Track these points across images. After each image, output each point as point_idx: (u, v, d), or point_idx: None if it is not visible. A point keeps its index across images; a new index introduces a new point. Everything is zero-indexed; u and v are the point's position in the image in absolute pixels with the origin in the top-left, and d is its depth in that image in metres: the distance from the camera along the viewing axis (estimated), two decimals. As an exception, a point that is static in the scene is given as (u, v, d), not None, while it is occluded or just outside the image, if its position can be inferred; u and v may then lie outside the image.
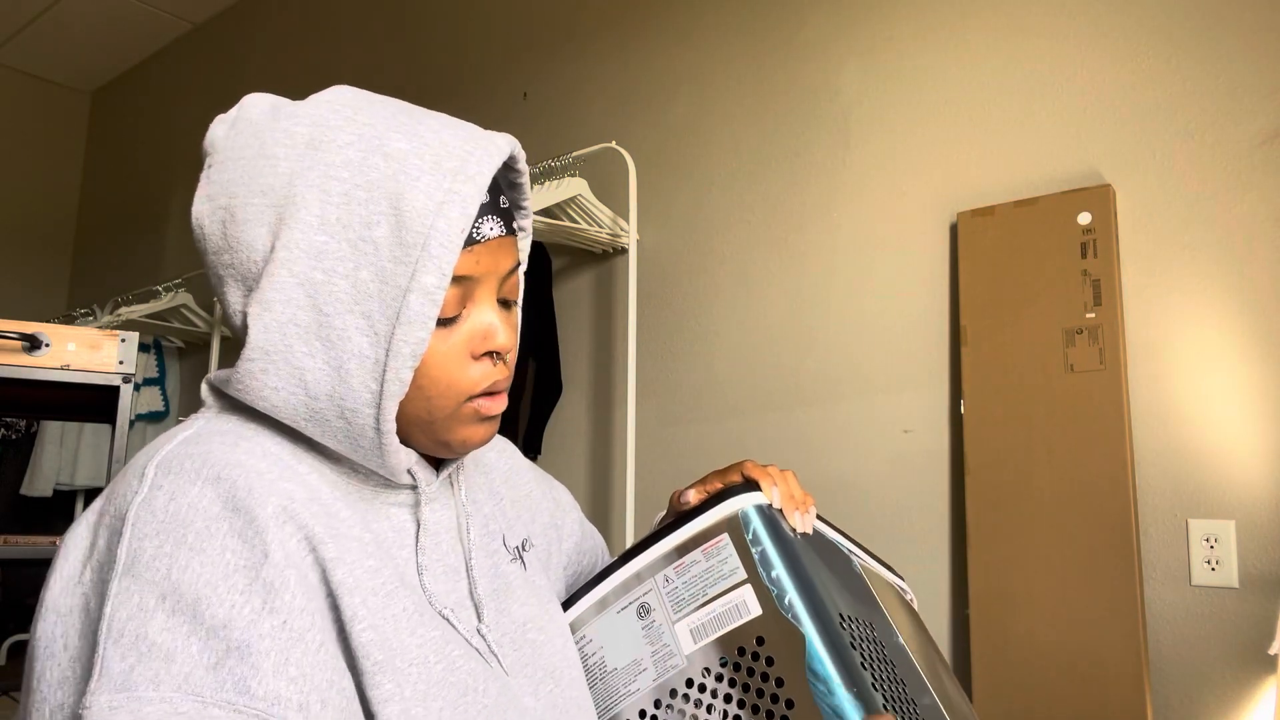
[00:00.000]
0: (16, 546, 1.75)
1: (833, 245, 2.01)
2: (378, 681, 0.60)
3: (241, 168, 0.65)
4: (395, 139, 0.64)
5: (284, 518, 0.60)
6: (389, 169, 0.63)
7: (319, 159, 0.63)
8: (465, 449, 0.70)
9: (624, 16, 2.47)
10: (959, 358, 1.77)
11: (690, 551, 0.76)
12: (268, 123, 0.66)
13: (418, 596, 0.67)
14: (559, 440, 2.43)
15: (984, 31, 1.85)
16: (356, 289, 0.62)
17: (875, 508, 1.87)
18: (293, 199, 0.63)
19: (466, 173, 0.63)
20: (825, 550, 0.81)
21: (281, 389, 0.64)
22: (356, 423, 0.64)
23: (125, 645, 0.54)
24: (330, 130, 0.65)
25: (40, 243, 4.50)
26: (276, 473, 0.62)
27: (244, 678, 0.54)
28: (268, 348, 0.63)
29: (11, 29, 4.01)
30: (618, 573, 0.80)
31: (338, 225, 0.62)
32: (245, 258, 0.64)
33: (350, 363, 0.62)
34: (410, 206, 0.62)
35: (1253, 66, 1.55)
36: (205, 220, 0.66)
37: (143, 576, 0.56)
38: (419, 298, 0.61)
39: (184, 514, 0.58)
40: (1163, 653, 1.52)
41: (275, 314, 0.63)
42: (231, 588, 0.56)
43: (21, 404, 2.13)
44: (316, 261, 0.62)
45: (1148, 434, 1.58)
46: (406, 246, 0.62)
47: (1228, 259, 1.54)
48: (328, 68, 3.36)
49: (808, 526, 0.79)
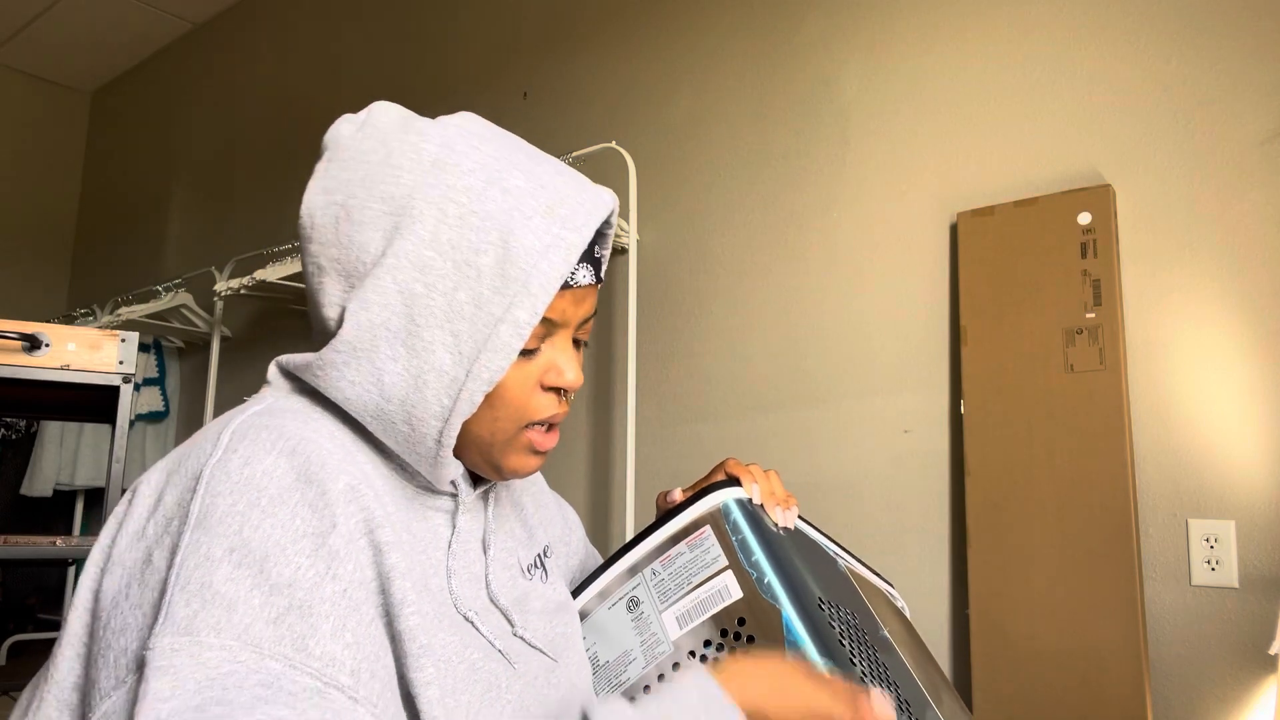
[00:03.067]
0: (16, 546, 1.75)
1: (832, 245, 2.01)
2: (422, 664, 0.62)
3: (365, 171, 0.68)
4: (515, 176, 0.68)
5: (351, 496, 0.62)
6: (505, 203, 0.66)
7: (442, 179, 0.67)
8: (511, 476, 0.74)
9: (624, 16, 2.47)
10: (959, 358, 1.77)
11: (675, 544, 0.80)
12: (396, 134, 0.69)
13: (440, 600, 0.69)
14: (559, 440, 2.43)
15: (984, 31, 1.84)
16: (451, 308, 0.65)
17: (875, 508, 1.87)
18: (410, 211, 0.66)
19: (575, 222, 0.67)
20: (807, 547, 0.84)
21: (358, 383, 0.67)
22: (420, 431, 0.67)
23: (190, 592, 0.56)
24: (456, 154, 0.68)
25: (40, 243, 4.50)
26: (341, 455, 0.65)
27: (303, 635, 0.56)
28: (356, 344, 0.66)
29: (11, 29, 4.01)
30: (609, 570, 0.83)
31: (448, 245, 0.65)
32: (355, 256, 0.67)
33: (429, 374, 0.66)
34: (519, 243, 0.65)
35: (1253, 66, 1.55)
36: (318, 212, 0.69)
37: (214, 530, 0.58)
38: (510, 329, 0.65)
39: (258, 479, 0.60)
40: (1163, 653, 1.52)
41: (371, 314, 0.66)
42: (299, 551, 0.58)
43: (21, 404, 2.13)
44: (420, 274, 0.65)
45: (1148, 434, 1.58)
46: (508, 279, 0.65)
47: (1228, 259, 1.54)
48: (328, 67, 3.36)
49: (788, 522, 0.83)
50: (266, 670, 0.54)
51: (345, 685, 0.56)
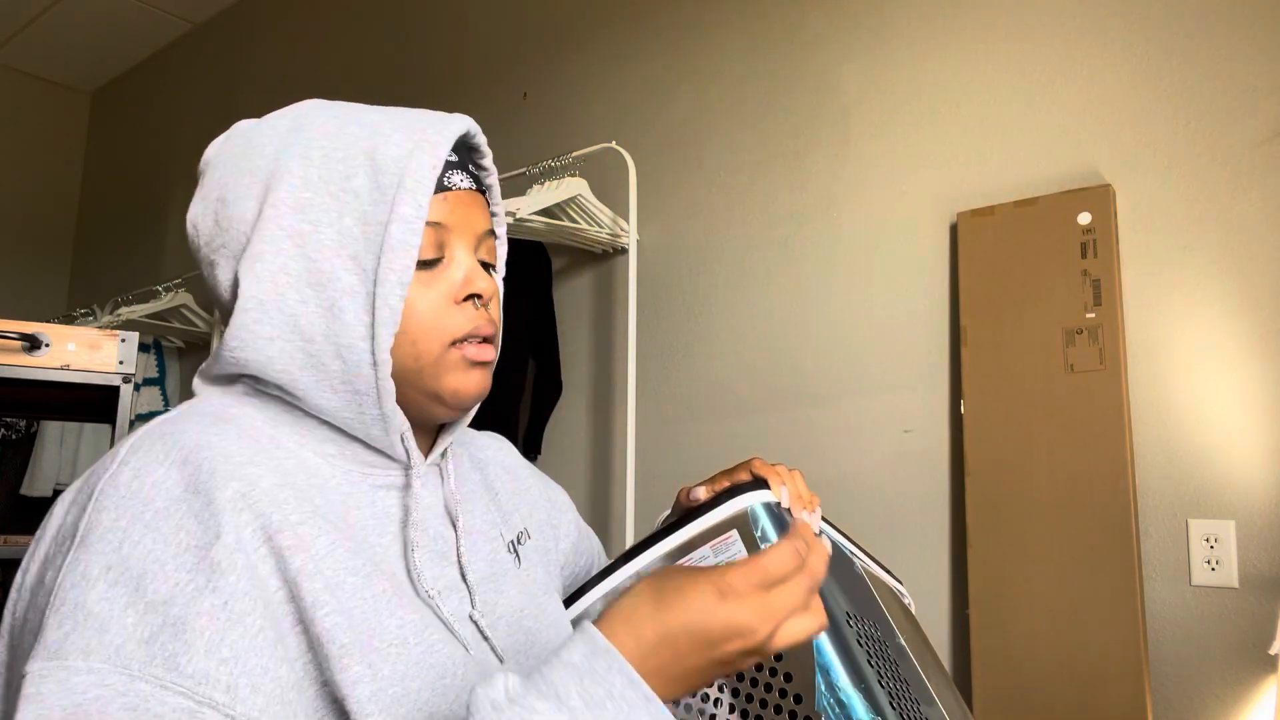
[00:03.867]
0: (16, 546, 1.75)
1: (833, 245, 2.01)
2: (345, 665, 0.60)
3: (231, 164, 0.71)
4: (367, 114, 0.72)
5: (242, 505, 0.60)
6: (363, 133, 0.70)
7: (300, 136, 0.70)
8: (457, 401, 0.71)
9: (624, 16, 2.47)
10: (959, 358, 1.77)
11: (699, 548, 0.76)
12: (253, 127, 0.73)
13: (398, 580, 0.67)
14: (559, 440, 2.43)
15: (984, 31, 1.84)
16: (341, 234, 0.67)
17: (875, 508, 1.87)
18: (277, 170, 0.69)
19: (431, 130, 0.70)
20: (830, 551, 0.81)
21: (277, 338, 0.67)
22: (352, 360, 0.67)
23: (64, 613, 0.55)
24: (309, 117, 0.71)
25: (40, 243, 4.49)
26: (246, 456, 0.63)
27: (175, 654, 0.55)
28: (261, 296, 0.67)
29: (11, 29, 4.01)
30: (625, 568, 0.79)
31: (319, 182, 0.68)
32: (236, 232, 0.69)
33: (342, 299, 0.66)
34: (384, 155, 0.68)
35: (1253, 66, 1.55)
36: (199, 218, 0.72)
37: (94, 548, 0.57)
38: (399, 226, 0.67)
39: (146, 492, 0.59)
40: (1163, 653, 1.52)
41: (266, 264, 0.67)
42: (180, 565, 0.57)
43: (21, 404, 2.13)
44: (302, 214, 0.67)
45: (1148, 434, 1.58)
46: (383, 189, 0.67)
47: (1228, 259, 1.54)
48: (328, 67, 3.36)
49: (814, 525, 0.79)
50: (135, 693, 0.53)
51: (220, 703, 0.55)
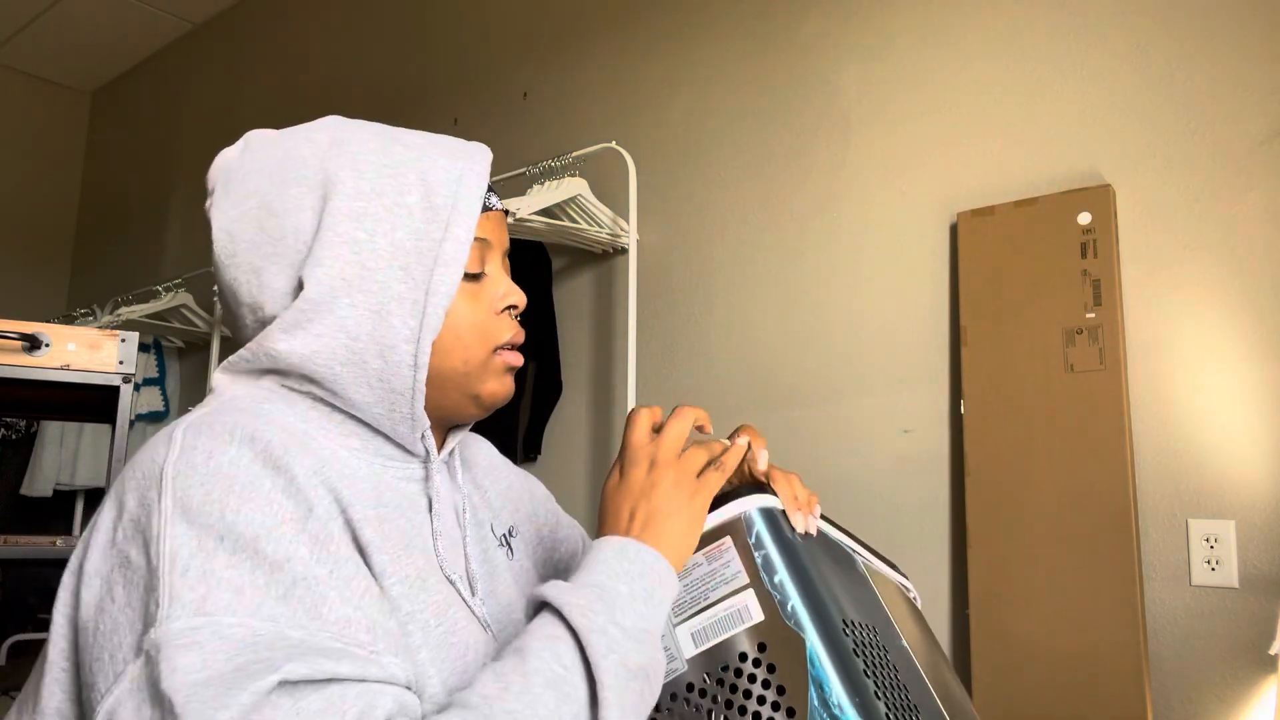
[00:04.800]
0: (16, 546, 1.75)
1: (833, 245, 2.01)
2: (409, 630, 0.65)
3: (268, 174, 0.72)
4: (405, 137, 0.76)
5: (317, 480, 0.64)
6: (409, 154, 0.74)
7: (345, 150, 0.72)
8: (493, 402, 0.77)
9: (624, 16, 2.47)
10: (959, 358, 1.77)
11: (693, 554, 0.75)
12: (284, 138, 0.75)
13: (426, 559, 0.71)
14: (559, 440, 2.43)
15: (984, 31, 1.84)
16: (394, 246, 0.71)
17: (875, 508, 1.87)
18: (330, 180, 0.71)
19: (473, 158, 0.75)
20: (830, 551, 0.80)
21: (324, 334, 0.69)
22: (393, 360, 0.70)
23: (193, 578, 0.56)
24: (346, 135, 0.74)
25: (40, 243, 4.49)
26: (297, 442, 0.66)
27: (314, 604, 0.58)
28: (318, 299, 0.69)
29: (11, 29, 4.01)
30: None
31: (373, 194, 0.71)
32: (294, 240, 0.71)
33: (390, 304, 0.70)
34: (436, 179, 0.73)
35: (1253, 66, 1.55)
36: (236, 226, 0.72)
37: (197, 521, 0.59)
38: (453, 245, 0.71)
39: (225, 469, 0.61)
40: (1163, 653, 1.52)
41: (325, 269, 0.69)
42: (284, 535, 0.60)
43: (21, 404, 2.13)
44: (358, 224, 0.70)
45: (1148, 434, 1.58)
46: (436, 209, 0.72)
47: (1228, 259, 1.54)
48: (327, 68, 3.36)
49: (812, 527, 0.79)
50: (289, 638, 0.56)
51: (364, 642, 0.59)
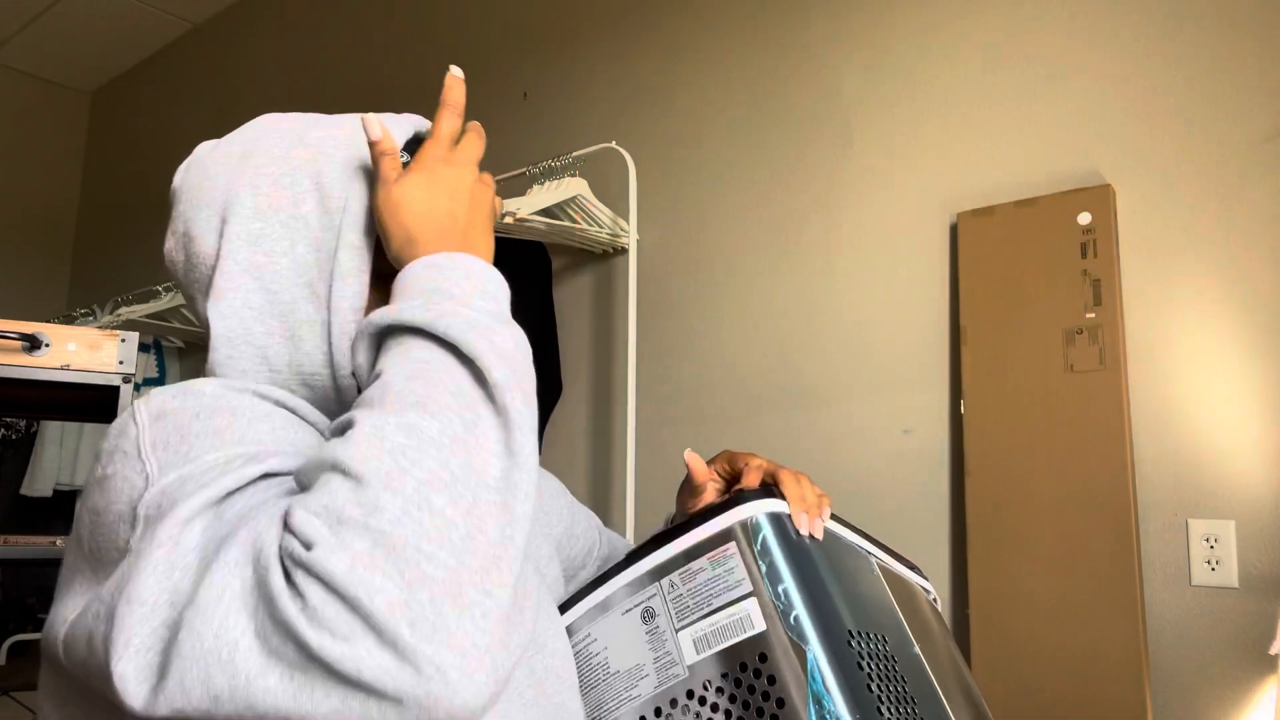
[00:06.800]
0: (16, 546, 1.75)
1: (833, 245, 2.01)
2: None
3: (190, 196, 0.72)
4: (313, 131, 0.71)
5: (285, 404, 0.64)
6: (308, 154, 0.69)
7: (248, 164, 0.70)
8: None
9: (624, 17, 2.47)
10: (959, 358, 1.77)
11: (697, 558, 0.74)
12: (209, 153, 0.73)
13: None
14: (559, 440, 2.43)
15: (984, 31, 1.84)
16: (295, 264, 0.67)
17: (875, 508, 1.87)
18: (229, 200, 0.69)
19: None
20: (841, 555, 0.79)
21: (250, 371, 0.67)
22: (319, 386, 0.68)
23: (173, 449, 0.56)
24: (257, 141, 0.71)
25: (40, 243, 4.49)
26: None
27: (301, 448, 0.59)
28: (229, 334, 0.67)
29: (11, 29, 4.01)
30: (623, 574, 0.78)
31: (269, 210, 0.68)
32: (203, 268, 0.70)
33: (300, 329, 0.67)
34: (329, 178, 0.68)
35: (1253, 66, 1.55)
36: (173, 253, 0.73)
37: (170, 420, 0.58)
38: (346, 253, 0.66)
39: (194, 390, 0.60)
40: (1163, 653, 1.52)
41: (229, 301, 0.67)
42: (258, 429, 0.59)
43: (21, 404, 2.13)
44: (256, 246, 0.67)
45: (1148, 434, 1.58)
46: (330, 213, 0.67)
47: (1228, 259, 1.54)
48: (327, 68, 3.36)
49: (818, 531, 0.77)
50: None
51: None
